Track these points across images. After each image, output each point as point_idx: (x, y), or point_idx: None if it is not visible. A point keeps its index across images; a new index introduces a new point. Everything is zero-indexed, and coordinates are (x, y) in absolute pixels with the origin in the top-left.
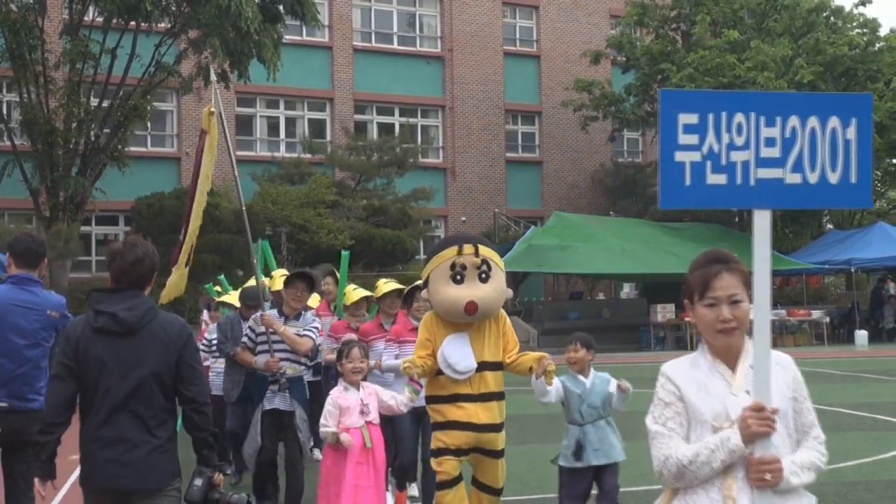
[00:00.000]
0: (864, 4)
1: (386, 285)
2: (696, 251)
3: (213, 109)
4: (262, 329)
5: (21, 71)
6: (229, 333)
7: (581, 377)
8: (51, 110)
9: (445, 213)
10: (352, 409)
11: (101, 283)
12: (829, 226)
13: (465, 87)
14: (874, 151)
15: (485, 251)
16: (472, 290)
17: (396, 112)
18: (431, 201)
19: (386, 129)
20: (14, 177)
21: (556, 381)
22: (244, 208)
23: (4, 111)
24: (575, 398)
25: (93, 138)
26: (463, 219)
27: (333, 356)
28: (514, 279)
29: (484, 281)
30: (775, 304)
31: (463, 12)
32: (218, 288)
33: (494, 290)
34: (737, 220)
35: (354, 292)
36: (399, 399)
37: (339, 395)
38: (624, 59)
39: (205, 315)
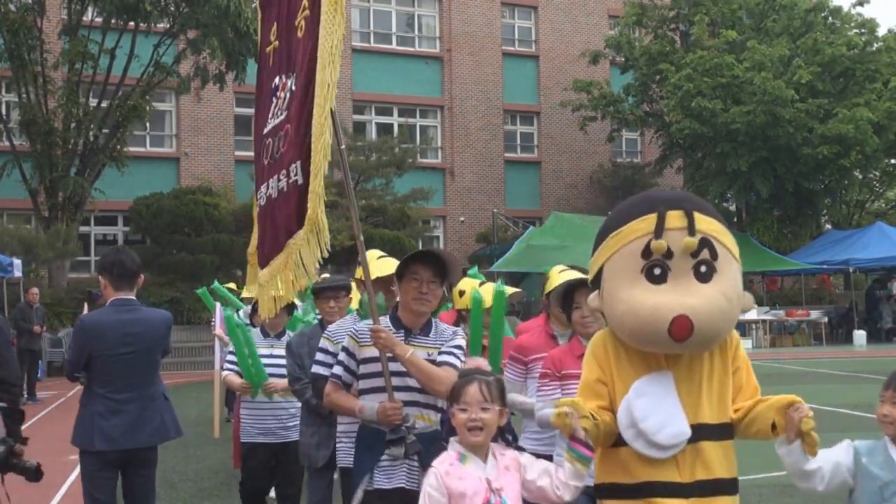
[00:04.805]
0: (861, 4)
1: (562, 274)
2: None
3: None
4: (371, 353)
5: (20, 71)
6: (308, 360)
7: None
8: (49, 110)
9: (444, 213)
10: (469, 496)
11: (98, 283)
12: (828, 226)
13: (463, 87)
14: (873, 151)
15: (705, 223)
16: (682, 296)
17: (395, 112)
18: (430, 202)
19: (385, 129)
20: (13, 177)
21: (837, 454)
22: (343, 147)
23: (3, 111)
24: (872, 488)
25: (91, 138)
26: (462, 219)
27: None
28: (514, 279)
29: (704, 279)
30: (773, 304)
31: (462, 13)
32: (232, 285)
33: (724, 295)
34: (735, 220)
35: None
36: (558, 478)
37: (448, 471)
38: (622, 59)
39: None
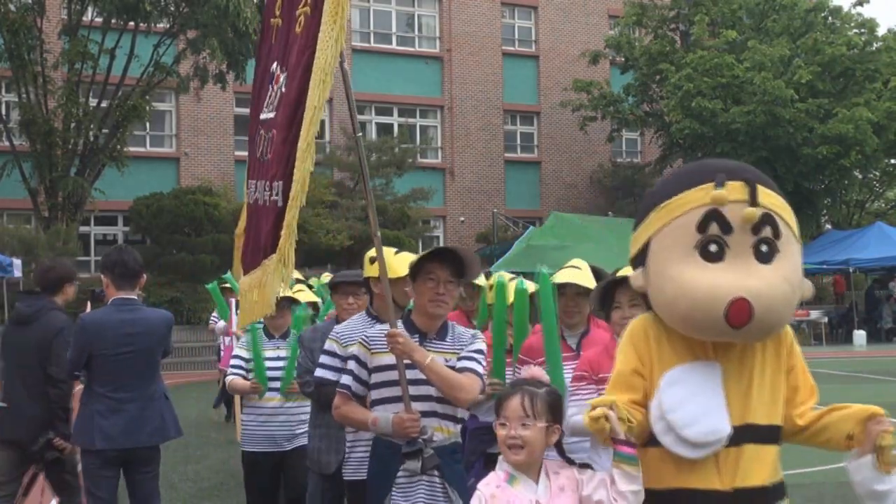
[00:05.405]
0: (861, 4)
1: (563, 272)
2: None
3: None
4: (385, 361)
5: (20, 71)
6: (319, 355)
7: None
8: (49, 110)
9: (444, 213)
10: None
11: (98, 283)
12: (828, 226)
13: (463, 87)
14: (873, 151)
15: (769, 197)
16: (741, 278)
17: (395, 112)
18: (430, 202)
19: (385, 129)
20: (13, 177)
21: None
22: (360, 134)
23: (3, 111)
24: None
25: (91, 138)
26: (462, 219)
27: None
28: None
29: (765, 259)
30: None
31: (462, 13)
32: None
33: (786, 279)
34: None
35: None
36: (613, 489)
37: (495, 493)
38: (622, 59)
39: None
